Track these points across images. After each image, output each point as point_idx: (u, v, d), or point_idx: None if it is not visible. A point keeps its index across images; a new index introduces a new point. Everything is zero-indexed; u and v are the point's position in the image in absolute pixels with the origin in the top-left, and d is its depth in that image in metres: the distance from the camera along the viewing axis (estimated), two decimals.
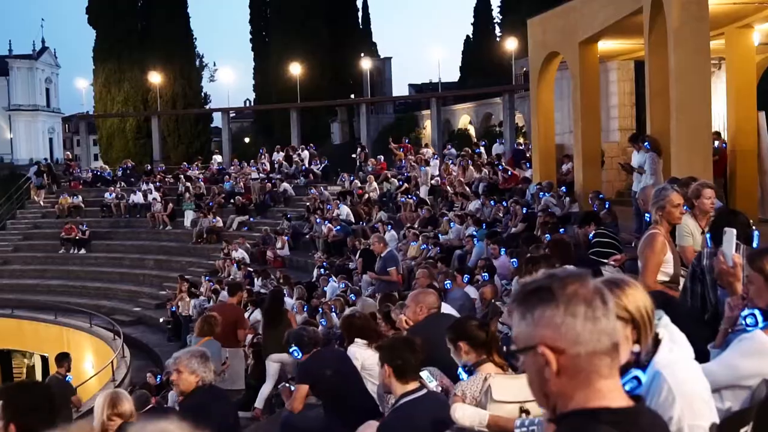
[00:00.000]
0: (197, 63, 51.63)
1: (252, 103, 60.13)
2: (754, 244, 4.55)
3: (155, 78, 39.33)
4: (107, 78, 45.09)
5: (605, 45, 17.79)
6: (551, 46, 18.63)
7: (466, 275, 10.74)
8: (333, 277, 17.90)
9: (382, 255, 12.78)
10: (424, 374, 4.57)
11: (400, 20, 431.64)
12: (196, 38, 49.42)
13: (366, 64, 39.52)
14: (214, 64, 50.34)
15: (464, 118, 39.87)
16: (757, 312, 3.26)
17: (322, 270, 19.15)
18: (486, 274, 10.91)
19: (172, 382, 5.18)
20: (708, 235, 4.68)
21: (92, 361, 21.89)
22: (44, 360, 24.94)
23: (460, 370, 4.22)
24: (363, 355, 6.36)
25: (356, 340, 6.52)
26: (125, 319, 23.57)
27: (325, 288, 17.82)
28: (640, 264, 5.69)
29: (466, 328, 4.25)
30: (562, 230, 11.58)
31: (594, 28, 16.11)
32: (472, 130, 38.67)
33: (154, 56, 42.96)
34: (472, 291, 10.76)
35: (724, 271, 3.81)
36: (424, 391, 4.36)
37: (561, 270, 1.91)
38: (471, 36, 64.11)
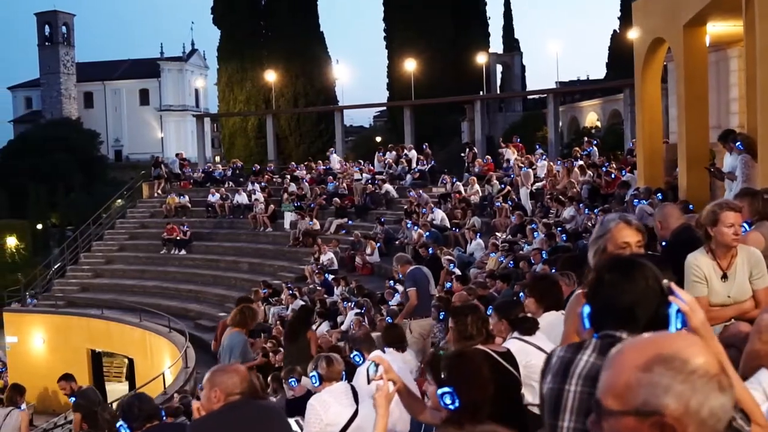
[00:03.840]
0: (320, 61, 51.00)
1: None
2: (673, 329, 2.43)
3: (271, 76, 38.88)
4: (230, 77, 45.23)
5: (720, 29, 15.24)
6: (655, 31, 16.18)
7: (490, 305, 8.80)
8: (399, 290, 16.24)
9: (405, 275, 11.09)
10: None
11: (547, 15, 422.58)
12: (322, 34, 48.78)
13: (482, 58, 37.47)
14: (337, 62, 49.45)
15: (591, 115, 37.14)
16: None
17: (391, 282, 17.51)
18: None
19: None
20: (584, 311, 2.56)
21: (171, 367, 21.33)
22: (130, 362, 24.81)
23: None
24: None
25: None
26: (209, 324, 22.88)
27: (390, 302, 16.22)
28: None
29: None
30: None
31: (697, 6, 13.67)
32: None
33: (276, 55, 42.64)
34: None
35: None
36: None
37: None
38: (618, 30, 60.93)
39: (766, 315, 4.03)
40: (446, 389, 3.33)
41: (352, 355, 6.40)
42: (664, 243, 5.70)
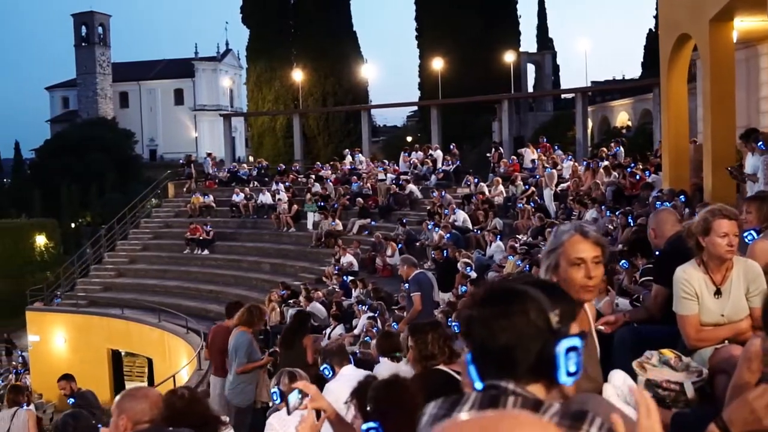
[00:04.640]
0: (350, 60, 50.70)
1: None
2: (563, 372, 1.80)
3: (298, 75, 38.63)
4: (258, 76, 45.07)
5: (749, 24, 14.64)
6: (681, 26, 15.59)
7: None
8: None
9: (409, 279, 10.74)
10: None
11: (584, 14, 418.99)
12: (355, 33, 48.37)
13: (510, 57, 36.82)
14: (366, 61, 49.07)
15: (622, 115, 36.37)
16: None
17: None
18: None
19: None
20: (467, 357, 1.98)
21: (187, 368, 21.15)
22: (149, 362, 24.73)
23: None
24: None
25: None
26: None
27: (403, 305, 15.80)
28: None
29: None
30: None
31: (723, 0, 13.07)
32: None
33: (304, 54, 42.41)
34: None
35: None
36: None
37: None
38: (653, 29, 60.02)
39: (756, 341, 3.57)
40: (371, 425, 2.93)
41: (321, 368, 5.99)
42: (657, 252, 5.23)
